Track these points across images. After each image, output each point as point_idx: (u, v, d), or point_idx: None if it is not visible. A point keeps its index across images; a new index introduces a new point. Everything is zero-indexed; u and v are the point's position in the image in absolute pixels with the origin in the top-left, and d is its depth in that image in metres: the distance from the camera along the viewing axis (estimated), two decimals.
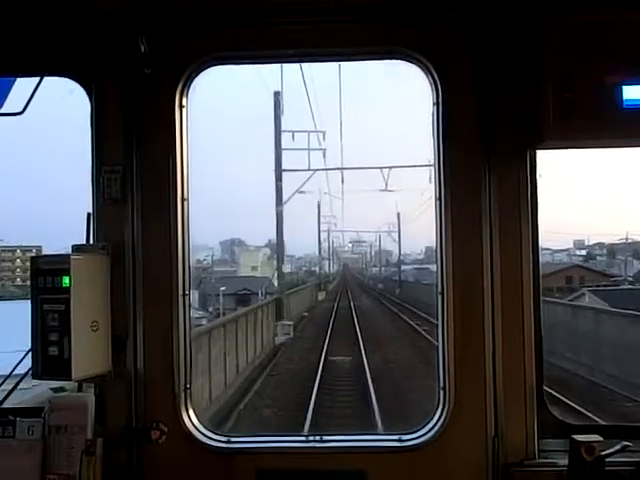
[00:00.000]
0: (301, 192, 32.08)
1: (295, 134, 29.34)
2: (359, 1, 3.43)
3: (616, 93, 3.16)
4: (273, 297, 34.73)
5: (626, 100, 3.17)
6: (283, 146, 28.65)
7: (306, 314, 41.87)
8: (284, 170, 28.60)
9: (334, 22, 3.49)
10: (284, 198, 30.36)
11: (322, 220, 50.75)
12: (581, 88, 3.16)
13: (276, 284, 38.27)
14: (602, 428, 3.45)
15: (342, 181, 39.43)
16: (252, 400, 20.28)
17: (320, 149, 30.05)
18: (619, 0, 3.11)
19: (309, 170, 29.56)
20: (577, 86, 3.16)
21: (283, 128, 29.38)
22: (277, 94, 29.14)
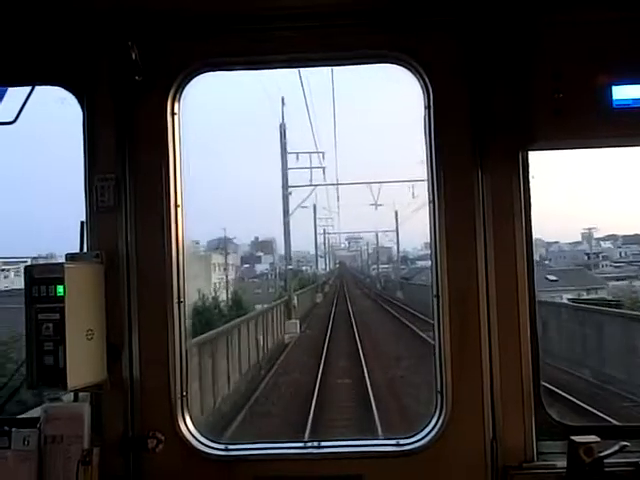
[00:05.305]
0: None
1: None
2: (350, 6, 3.45)
3: (606, 93, 3.18)
4: None
5: (616, 100, 3.19)
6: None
7: None
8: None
9: (325, 27, 3.51)
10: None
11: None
12: (571, 89, 3.18)
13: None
14: (600, 429, 3.44)
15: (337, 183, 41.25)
16: None
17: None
18: (607, 1, 3.13)
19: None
20: (567, 87, 3.18)
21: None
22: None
